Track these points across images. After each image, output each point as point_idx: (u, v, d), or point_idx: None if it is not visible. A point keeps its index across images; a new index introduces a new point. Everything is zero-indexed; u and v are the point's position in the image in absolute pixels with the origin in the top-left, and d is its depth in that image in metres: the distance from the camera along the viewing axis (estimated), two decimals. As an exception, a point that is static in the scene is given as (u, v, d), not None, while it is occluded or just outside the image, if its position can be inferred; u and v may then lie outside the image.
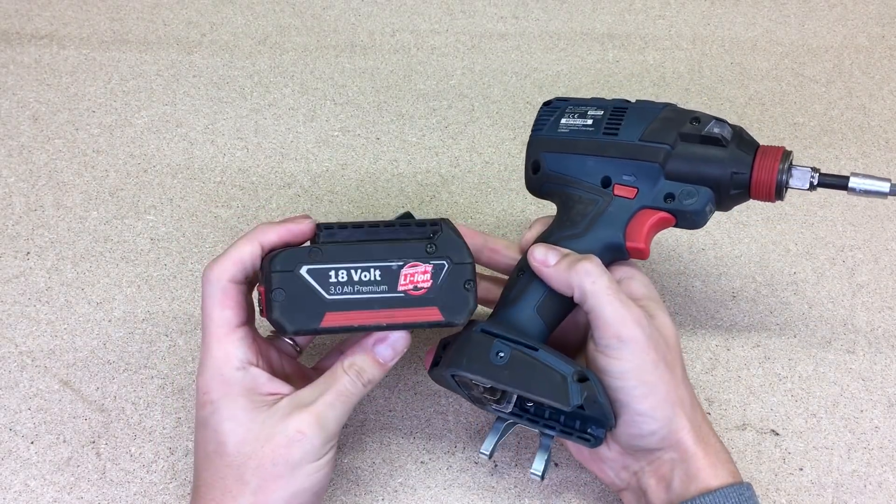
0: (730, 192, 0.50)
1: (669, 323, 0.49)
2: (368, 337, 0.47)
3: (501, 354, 0.47)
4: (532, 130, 0.55)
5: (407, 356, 0.61)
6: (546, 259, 0.48)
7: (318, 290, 0.46)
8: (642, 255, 0.50)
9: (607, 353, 0.46)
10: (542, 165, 0.54)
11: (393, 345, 0.47)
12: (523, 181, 0.57)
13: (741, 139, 0.51)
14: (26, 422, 0.57)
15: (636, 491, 0.49)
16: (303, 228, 0.48)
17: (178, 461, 0.55)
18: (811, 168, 0.50)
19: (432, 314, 0.46)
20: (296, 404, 0.45)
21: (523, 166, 0.56)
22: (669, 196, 0.50)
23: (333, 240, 0.47)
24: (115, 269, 0.66)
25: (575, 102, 0.55)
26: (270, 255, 0.46)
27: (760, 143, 0.51)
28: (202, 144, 0.78)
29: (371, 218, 0.71)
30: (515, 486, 0.54)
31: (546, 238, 0.52)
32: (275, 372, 0.48)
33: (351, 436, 0.57)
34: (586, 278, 0.47)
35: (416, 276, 0.46)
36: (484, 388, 0.48)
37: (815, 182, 0.50)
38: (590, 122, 0.53)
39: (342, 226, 0.47)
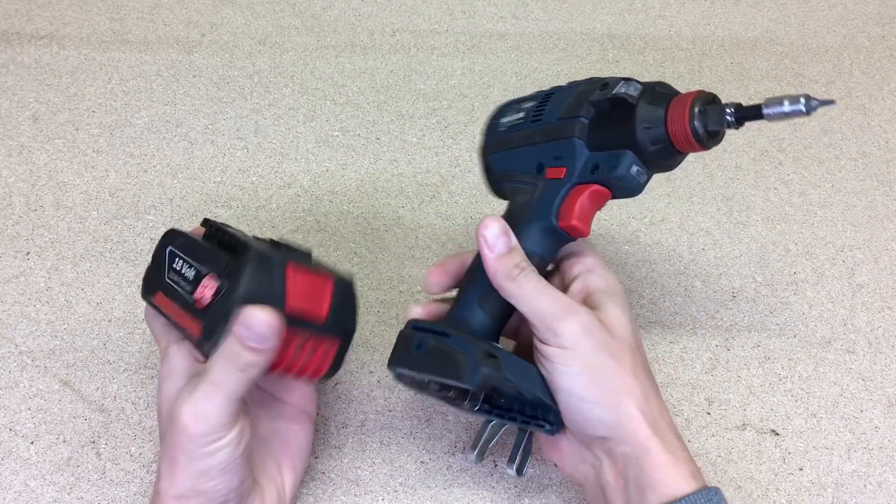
0: (650, 150, 0.47)
1: (619, 316, 0.48)
2: (246, 314, 0.44)
3: (420, 345, 0.48)
4: (482, 135, 0.56)
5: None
6: (494, 243, 0.47)
7: (164, 269, 0.48)
8: (580, 232, 0.49)
9: (548, 343, 0.46)
10: (491, 167, 0.55)
11: (246, 322, 0.43)
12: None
13: (653, 93, 0.47)
14: (26, 422, 0.57)
15: (595, 487, 0.48)
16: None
17: (178, 461, 0.55)
18: (729, 105, 0.45)
19: (195, 330, 0.45)
20: (187, 392, 0.45)
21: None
22: (595, 167, 0.49)
23: (211, 237, 0.49)
24: (115, 269, 0.66)
25: (516, 101, 0.55)
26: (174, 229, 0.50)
27: (682, 92, 0.48)
28: (202, 144, 0.78)
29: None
30: (515, 486, 0.54)
31: None
32: None
33: (351, 436, 0.57)
34: (512, 284, 0.47)
35: (206, 289, 0.45)
36: (435, 383, 0.49)
37: (732, 119, 0.45)
38: (522, 115, 0.53)
39: (223, 229, 0.48)
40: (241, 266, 0.44)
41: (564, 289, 0.50)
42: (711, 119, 0.45)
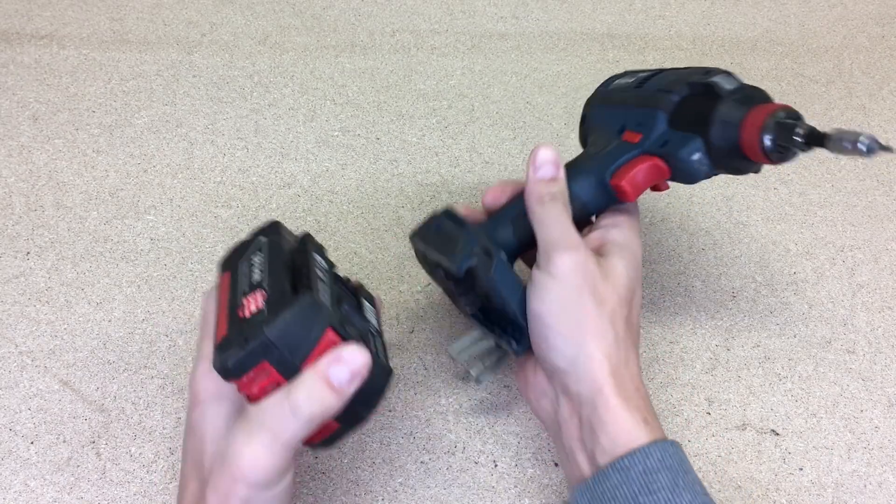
0: (718, 144, 0.47)
1: (620, 268, 0.49)
2: (323, 359, 0.41)
3: (439, 226, 0.52)
4: (596, 89, 0.59)
5: (408, 356, 0.61)
6: (539, 165, 0.49)
7: (244, 254, 0.48)
8: (626, 195, 0.50)
9: (539, 267, 0.48)
10: (587, 117, 0.57)
11: (347, 361, 0.41)
12: (523, 182, 0.57)
13: (742, 93, 0.48)
14: (26, 422, 0.57)
15: (553, 423, 0.48)
16: None
17: (178, 461, 0.55)
18: (802, 125, 0.45)
19: (220, 334, 0.43)
20: (241, 437, 0.41)
21: (524, 166, 0.57)
22: (665, 142, 0.50)
23: (297, 251, 0.48)
24: (115, 269, 0.66)
25: (638, 70, 0.58)
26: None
27: (773, 102, 0.48)
28: (202, 144, 0.78)
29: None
30: (515, 486, 0.54)
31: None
32: None
33: (351, 436, 0.57)
34: (540, 208, 0.48)
35: (252, 303, 0.43)
36: (441, 270, 0.52)
37: (800, 139, 0.44)
38: (632, 80, 0.55)
39: (307, 252, 0.48)
40: (284, 304, 0.42)
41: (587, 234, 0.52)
42: (781, 135, 0.45)
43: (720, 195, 0.75)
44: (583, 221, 0.53)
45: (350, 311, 0.45)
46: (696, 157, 0.48)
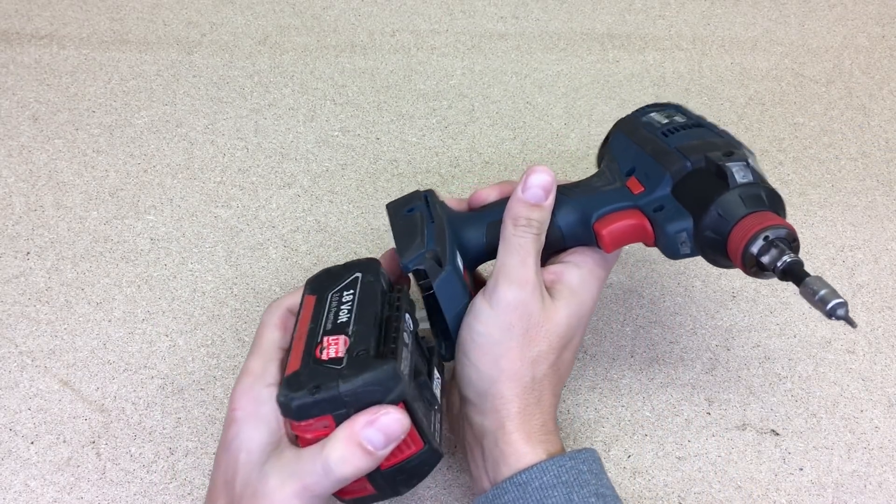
0: (706, 234, 0.46)
1: (565, 315, 0.48)
2: (358, 418, 0.41)
3: (411, 210, 0.50)
4: (632, 112, 0.57)
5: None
6: (529, 186, 0.47)
7: (336, 286, 0.48)
8: (603, 243, 0.49)
9: (484, 294, 0.47)
10: (610, 140, 0.56)
11: (385, 428, 0.40)
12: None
13: (750, 192, 0.45)
14: (26, 422, 0.57)
15: (466, 451, 0.49)
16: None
17: (178, 461, 0.55)
18: (791, 256, 0.43)
19: (292, 366, 0.43)
20: (275, 478, 0.41)
21: (523, 166, 0.57)
22: (660, 208, 0.49)
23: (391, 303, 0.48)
24: (115, 269, 0.66)
25: (681, 110, 0.55)
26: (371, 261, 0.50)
27: (777, 215, 0.46)
28: (202, 144, 0.78)
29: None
30: (515, 486, 0.54)
31: (567, 184, 0.53)
32: None
33: None
34: (512, 228, 0.47)
35: (332, 346, 0.43)
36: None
37: (780, 267, 0.43)
38: (665, 121, 0.53)
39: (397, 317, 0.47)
40: (366, 365, 0.41)
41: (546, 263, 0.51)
42: (767, 253, 0.44)
43: (720, 195, 0.75)
44: (556, 247, 0.51)
45: (424, 386, 0.45)
46: (681, 235, 0.47)
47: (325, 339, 0.44)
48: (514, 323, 0.46)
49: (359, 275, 0.48)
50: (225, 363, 0.60)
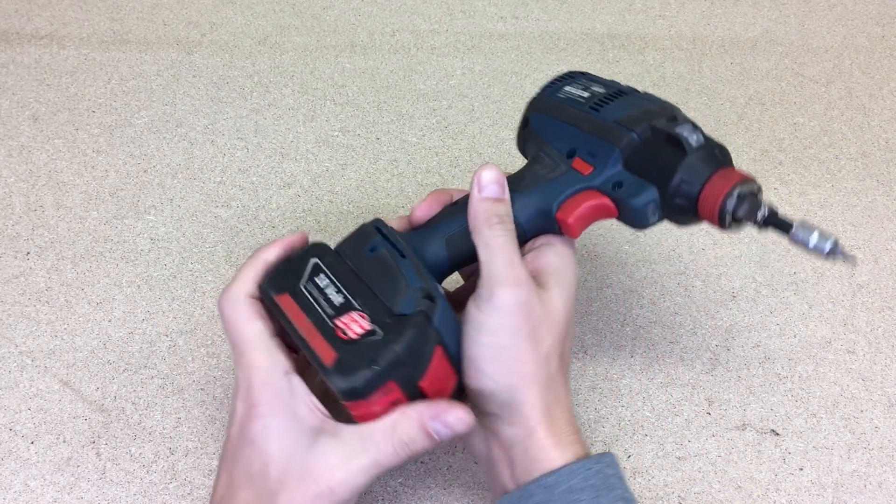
0: (675, 201, 0.47)
1: (561, 300, 0.47)
2: (427, 407, 0.44)
3: (375, 250, 0.48)
4: (540, 90, 0.55)
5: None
6: (485, 185, 0.47)
7: (302, 276, 0.47)
8: (570, 231, 0.49)
9: (477, 304, 0.46)
10: (529, 123, 0.54)
11: (451, 425, 0.44)
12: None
13: (708, 152, 0.47)
14: (26, 422, 0.57)
15: (489, 462, 0.48)
16: (296, 238, 0.50)
17: (178, 461, 0.55)
18: (767, 206, 0.45)
19: (327, 356, 0.44)
20: (336, 456, 0.43)
21: (524, 163, 0.56)
22: (618, 184, 0.48)
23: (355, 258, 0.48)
24: (115, 269, 0.66)
25: (589, 77, 0.55)
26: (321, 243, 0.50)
27: (735, 168, 0.48)
28: (202, 144, 0.78)
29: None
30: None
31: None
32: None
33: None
34: (487, 230, 0.47)
35: (354, 324, 0.45)
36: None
37: (761, 220, 0.45)
38: (586, 95, 0.53)
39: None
40: (404, 324, 0.44)
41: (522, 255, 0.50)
42: (744, 209, 0.45)
43: (720, 195, 0.75)
44: (519, 243, 0.50)
45: (446, 309, 0.46)
46: (649, 207, 0.47)
47: (337, 321, 0.45)
48: (521, 325, 0.45)
49: (315, 260, 0.48)
50: (225, 363, 0.60)
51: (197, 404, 0.58)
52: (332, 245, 0.50)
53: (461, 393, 0.47)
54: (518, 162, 0.77)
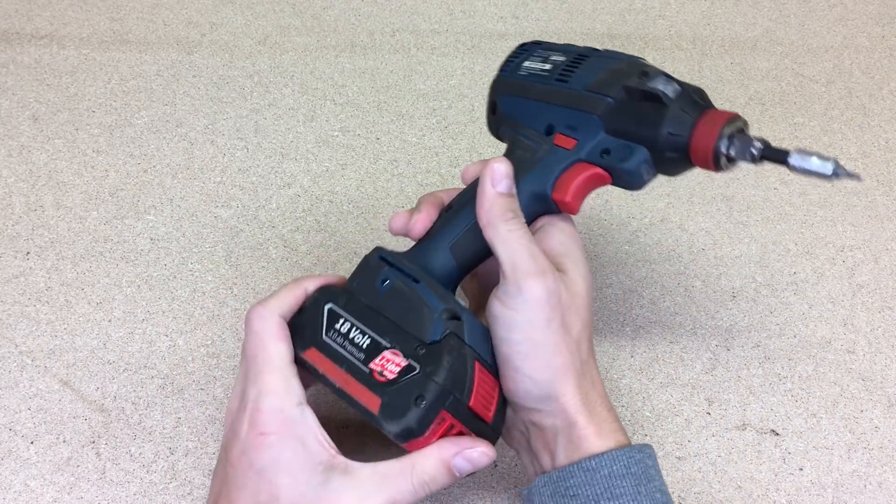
0: (666, 155, 0.46)
1: (581, 280, 0.47)
2: (451, 445, 0.44)
3: (386, 282, 0.47)
4: (499, 70, 0.54)
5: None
6: (500, 180, 0.46)
7: (322, 326, 0.47)
8: (569, 208, 0.48)
9: (504, 301, 0.45)
10: (498, 107, 0.53)
11: (474, 461, 0.44)
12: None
13: (688, 100, 0.46)
14: (26, 422, 0.57)
15: (529, 453, 0.48)
16: (337, 278, 0.50)
17: (178, 461, 0.55)
18: (758, 139, 0.45)
19: (371, 403, 0.44)
20: (350, 496, 0.42)
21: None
22: (606, 151, 0.48)
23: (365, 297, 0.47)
24: (115, 269, 0.66)
25: (545, 47, 0.54)
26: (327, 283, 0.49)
27: (716, 108, 0.47)
28: (202, 144, 0.78)
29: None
30: (516, 486, 0.54)
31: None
32: None
33: (351, 436, 0.57)
34: (504, 225, 0.46)
35: (389, 363, 0.44)
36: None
37: (757, 154, 0.44)
38: (548, 67, 0.51)
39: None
40: (438, 352, 0.44)
41: None
42: (737, 148, 0.44)
43: (720, 195, 0.75)
44: None
45: (473, 322, 0.46)
46: (643, 167, 0.47)
47: (372, 364, 0.44)
48: (552, 316, 0.44)
49: (329, 306, 0.47)
50: (225, 363, 0.60)
51: (197, 404, 0.58)
52: (334, 270, 0.50)
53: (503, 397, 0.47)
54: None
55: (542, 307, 0.44)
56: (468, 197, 0.49)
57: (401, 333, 0.45)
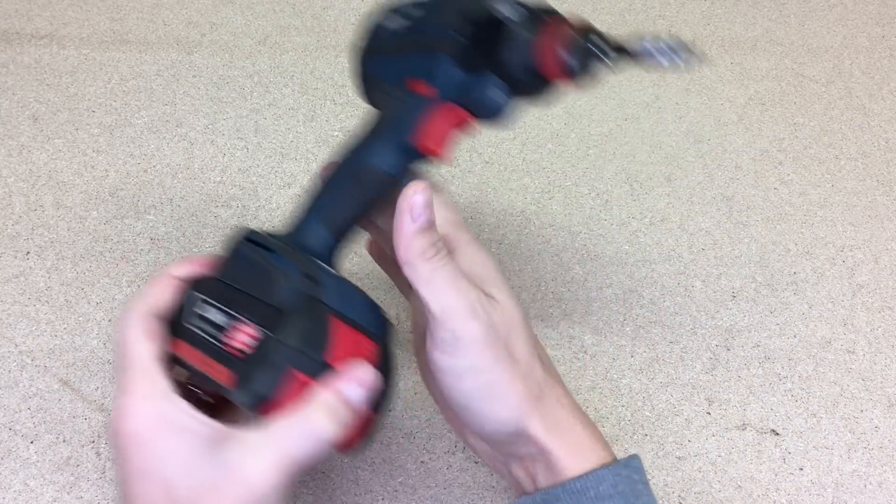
0: (518, 78, 0.45)
1: (509, 300, 0.44)
2: (330, 385, 0.41)
3: (245, 258, 0.45)
4: (364, 37, 0.53)
5: (410, 356, 0.61)
6: (421, 213, 0.42)
7: (182, 314, 0.45)
8: (437, 155, 0.46)
9: (443, 350, 0.42)
10: (367, 72, 0.52)
11: (361, 380, 0.41)
12: (523, 181, 0.56)
13: (531, 15, 0.44)
14: (26, 421, 0.57)
15: (510, 479, 0.47)
16: (204, 259, 0.47)
17: (178, 461, 0.55)
18: (600, 39, 0.43)
19: (229, 380, 0.41)
20: (242, 459, 0.39)
21: (523, 166, 0.55)
22: (461, 88, 0.46)
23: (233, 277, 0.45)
24: (115, 269, 0.66)
25: (407, 5, 0.52)
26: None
27: (562, 20, 0.45)
28: (202, 144, 0.78)
29: None
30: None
31: (353, 142, 0.48)
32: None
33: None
34: (425, 265, 0.42)
35: (243, 335, 0.42)
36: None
37: (602, 55, 0.42)
38: (408, 23, 0.50)
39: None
40: (291, 318, 0.41)
41: None
42: (583, 59, 0.43)
43: (720, 195, 0.75)
44: (390, 193, 0.46)
45: (336, 283, 0.44)
46: (494, 94, 0.45)
47: (227, 339, 0.42)
48: (496, 352, 0.42)
49: (190, 292, 0.45)
50: (225, 363, 0.60)
51: (197, 404, 0.58)
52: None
53: (388, 360, 0.45)
54: (518, 161, 0.77)
55: (483, 348, 0.42)
56: (335, 171, 0.47)
57: (258, 305, 0.43)
